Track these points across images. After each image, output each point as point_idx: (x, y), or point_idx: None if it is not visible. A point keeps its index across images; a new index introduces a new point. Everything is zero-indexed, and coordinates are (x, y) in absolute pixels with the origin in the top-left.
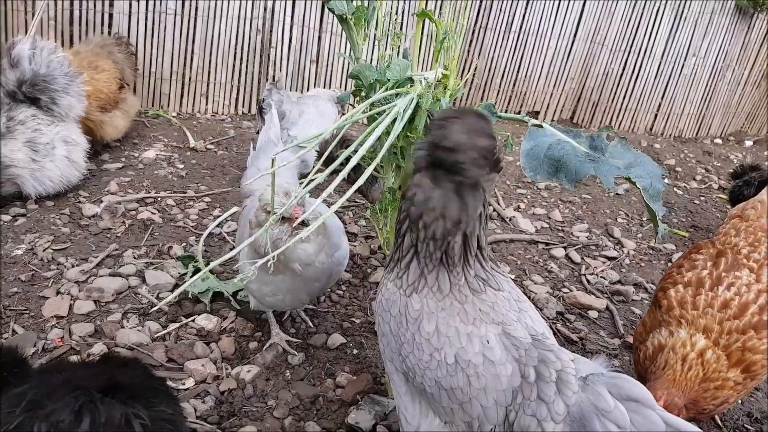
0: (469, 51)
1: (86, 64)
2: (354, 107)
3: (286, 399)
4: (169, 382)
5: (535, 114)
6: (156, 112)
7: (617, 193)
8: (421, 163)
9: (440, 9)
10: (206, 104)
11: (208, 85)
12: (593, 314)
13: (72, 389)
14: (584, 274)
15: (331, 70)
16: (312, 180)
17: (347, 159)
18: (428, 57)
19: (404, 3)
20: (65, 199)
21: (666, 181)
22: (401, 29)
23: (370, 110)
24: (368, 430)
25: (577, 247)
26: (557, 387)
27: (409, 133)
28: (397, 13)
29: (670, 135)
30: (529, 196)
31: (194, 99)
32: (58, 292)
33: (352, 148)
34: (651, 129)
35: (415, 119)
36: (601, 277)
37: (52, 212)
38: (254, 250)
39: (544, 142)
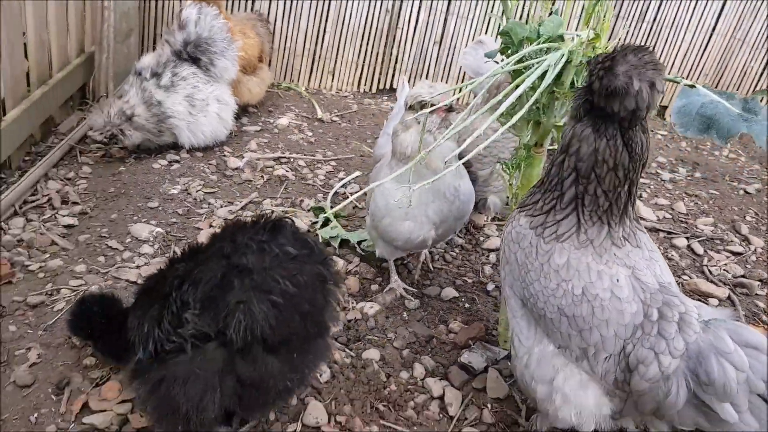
0: None
1: (238, 29)
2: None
3: (404, 335)
4: None
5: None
6: (288, 86)
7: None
8: (579, 112)
9: None
10: (332, 81)
11: (335, 63)
12: (713, 302)
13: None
14: (706, 265)
15: (454, 52)
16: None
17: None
18: (574, 22)
19: None
20: (212, 152)
21: None
22: None
23: (519, 62)
24: (480, 370)
25: (700, 239)
26: (678, 326)
27: (555, 88)
28: None
29: None
30: (652, 186)
31: (322, 75)
32: (210, 225)
33: (501, 95)
34: None
35: (563, 75)
36: (724, 269)
37: (201, 162)
38: (399, 159)
39: (696, 101)
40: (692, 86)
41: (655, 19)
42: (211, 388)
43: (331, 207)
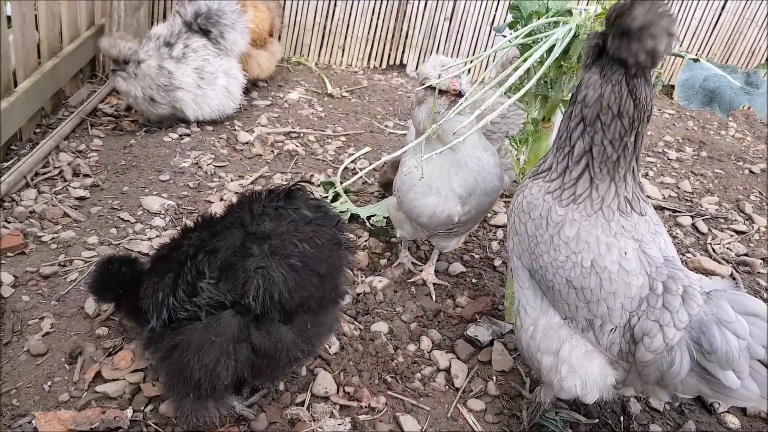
0: None
1: (248, 2)
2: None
3: (412, 308)
4: None
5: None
6: (298, 60)
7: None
8: (588, 60)
9: None
10: (342, 56)
11: (345, 38)
12: (716, 280)
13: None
14: (710, 244)
15: (464, 28)
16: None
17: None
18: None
19: None
20: (222, 126)
21: None
22: None
23: (528, 36)
24: (486, 343)
25: (705, 217)
26: (683, 299)
27: (563, 62)
28: None
29: None
30: (658, 165)
31: (332, 50)
32: (221, 199)
33: (510, 69)
34: None
35: (570, 49)
36: (727, 248)
37: (211, 136)
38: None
39: (700, 74)
40: (696, 60)
41: None
42: (225, 355)
43: (341, 182)
